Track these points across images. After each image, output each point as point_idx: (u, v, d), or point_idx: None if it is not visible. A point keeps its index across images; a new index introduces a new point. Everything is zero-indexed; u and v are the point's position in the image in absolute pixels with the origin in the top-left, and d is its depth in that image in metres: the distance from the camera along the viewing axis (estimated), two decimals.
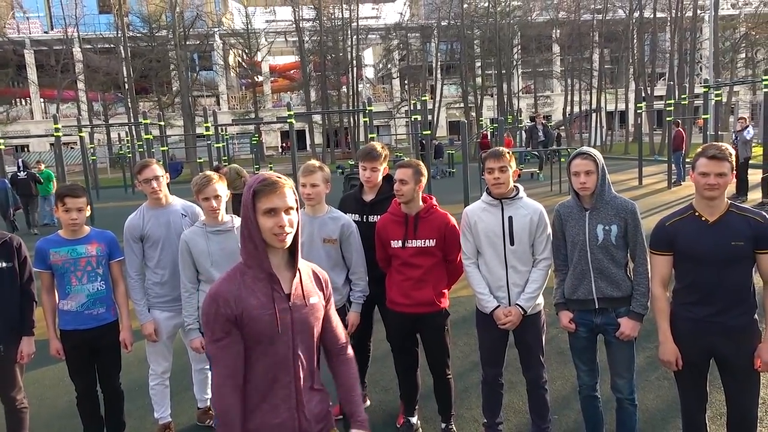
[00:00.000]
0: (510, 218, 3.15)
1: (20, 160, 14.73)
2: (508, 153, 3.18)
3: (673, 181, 15.71)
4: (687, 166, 16.43)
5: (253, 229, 1.82)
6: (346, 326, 3.42)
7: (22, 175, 14.13)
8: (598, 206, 2.96)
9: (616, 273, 2.96)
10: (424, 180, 3.38)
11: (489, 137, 25.84)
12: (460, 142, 19.12)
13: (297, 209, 1.87)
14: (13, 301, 3.30)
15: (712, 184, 2.56)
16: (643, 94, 31.14)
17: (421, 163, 3.43)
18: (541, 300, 3.26)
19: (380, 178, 3.71)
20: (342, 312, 3.46)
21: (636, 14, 34.56)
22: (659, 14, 35.04)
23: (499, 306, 3.18)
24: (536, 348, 3.25)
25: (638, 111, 18.50)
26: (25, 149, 40.94)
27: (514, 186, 3.23)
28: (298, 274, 1.91)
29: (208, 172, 3.53)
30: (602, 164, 2.96)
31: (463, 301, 5.99)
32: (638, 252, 2.95)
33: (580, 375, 3.19)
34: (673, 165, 15.95)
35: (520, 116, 28.31)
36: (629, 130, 36.63)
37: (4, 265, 3.27)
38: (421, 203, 3.39)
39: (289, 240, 1.84)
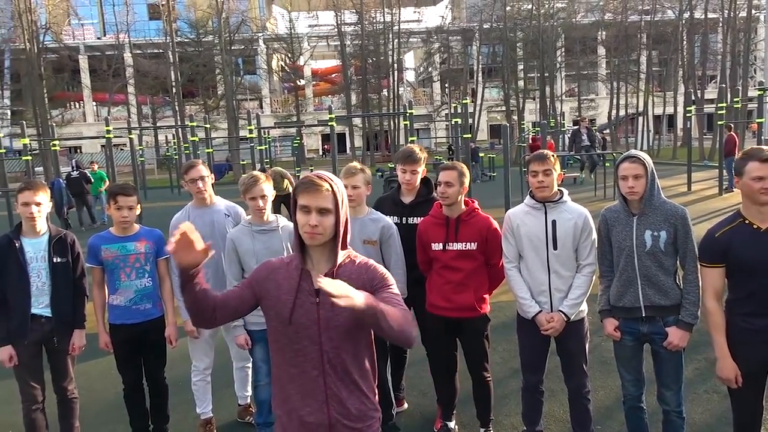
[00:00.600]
0: (553, 222, 3.10)
1: (74, 160, 15.42)
2: (553, 156, 3.13)
3: (724, 187, 15.15)
4: None
5: (295, 224, 1.95)
6: None
7: (74, 174, 14.79)
8: (647, 211, 2.87)
9: (664, 281, 2.86)
10: (467, 182, 3.37)
11: (539, 140, 25.19)
12: (501, 145, 18.92)
13: (338, 212, 1.90)
14: (67, 296, 3.44)
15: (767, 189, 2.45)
16: (693, 98, 30.18)
17: (464, 165, 3.41)
18: (584, 307, 3.19)
19: (419, 180, 3.71)
20: None
21: (686, 15, 33.53)
22: (711, 15, 33.90)
23: (541, 311, 3.13)
24: (579, 356, 3.18)
25: (688, 115, 17.89)
26: (78, 150, 42.57)
27: (559, 189, 3.17)
28: (331, 271, 1.93)
29: (255, 173, 3.59)
30: (651, 168, 2.87)
31: (503, 306, 5.91)
32: (688, 259, 2.85)
33: (625, 385, 3.10)
34: (725, 171, 15.38)
35: (563, 120, 27.79)
36: (677, 134, 35.53)
37: (59, 260, 3.40)
38: (463, 206, 3.37)
39: (319, 240, 1.90)
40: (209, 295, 1.94)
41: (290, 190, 10.50)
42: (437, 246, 3.34)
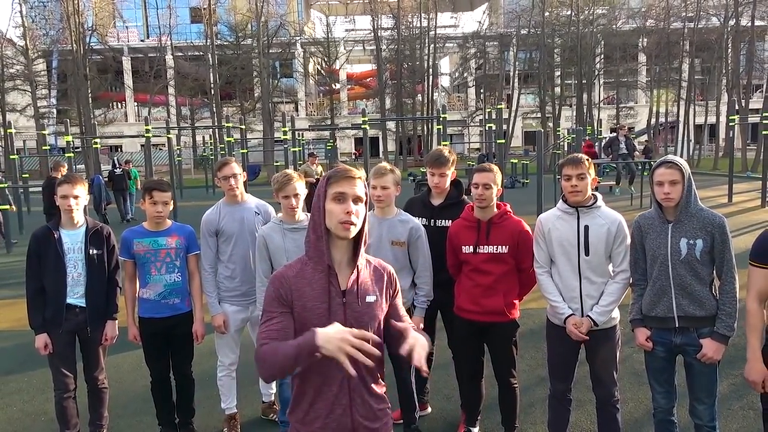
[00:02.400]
0: (586, 227, 3.03)
1: (115, 158, 16.04)
2: (587, 160, 3.07)
3: (767, 199, 14.61)
4: None
5: (319, 218, 1.85)
6: None
7: (118, 171, 15.66)
8: (683, 219, 2.78)
9: (699, 290, 2.77)
10: (500, 184, 3.34)
11: (593, 146, 24.12)
12: (534, 152, 18.68)
13: (366, 204, 1.87)
14: (101, 287, 3.53)
15: None
16: (737, 107, 29.28)
17: (496, 166, 3.38)
18: (617, 314, 3.11)
19: (448, 183, 3.68)
20: None
21: (731, 22, 32.57)
22: (758, 22, 32.86)
23: (572, 314, 3.06)
24: (609, 363, 3.10)
25: (731, 124, 17.35)
26: (119, 150, 43.80)
27: (593, 194, 3.10)
28: (356, 271, 1.89)
29: (289, 171, 3.62)
30: (689, 174, 2.78)
31: (532, 313, 5.82)
32: (726, 269, 2.75)
33: (656, 397, 3.00)
34: None
35: (600, 127, 27.29)
36: (719, 144, 34.50)
37: (95, 252, 3.49)
38: (495, 209, 3.33)
39: (353, 231, 1.83)
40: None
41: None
42: (468, 249, 3.31)
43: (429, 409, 4.11)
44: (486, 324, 3.32)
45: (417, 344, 1.79)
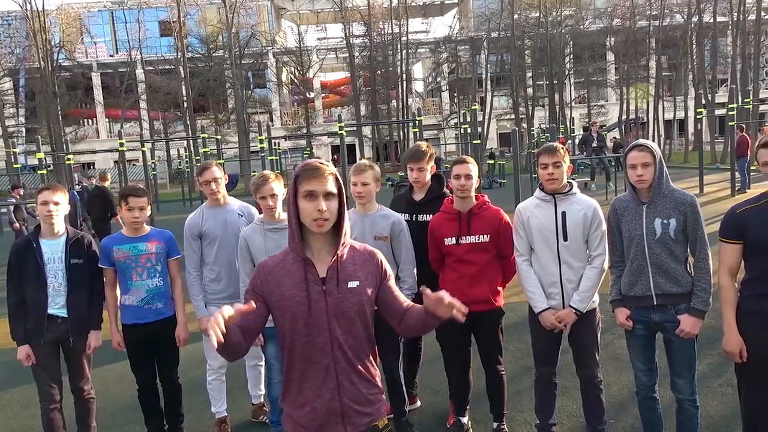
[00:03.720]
0: (563, 214, 3.11)
1: (76, 175, 15.57)
2: (563, 148, 3.16)
3: (737, 188, 15.02)
4: (753, 173, 15.69)
5: (292, 214, 1.90)
6: None
7: (84, 186, 15.28)
8: (656, 200, 2.88)
9: (675, 268, 2.87)
10: (477, 175, 3.42)
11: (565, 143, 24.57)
12: (510, 153, 18.94)
13: (340, 197, 1.89)
14: (83, 296, 3.50)
15: None
16: (704, 101, 30.01)
17: (472, 158, 3.46)
18: (596, 297, 3.19)
19: (428, 177, 3.74)
20: None
21: (695, 19, 33.44)
22: (720, 18, 33.79)
23: (548, 308, 3.14)
24: (591, 345, 3.18)
25: (698, 117, 17.81)
26: (92, 167, 43.12)
27: (568, 182, 3.19)
28: (335, 258, 1.91)
29: (266, 172, 3.65)
30: (659, 156, 2.89)
31: (515, 306, 5.89)
32: (699, 246, 2.85)
33: (638, 375, 3.09)
34: (737, 172, 15.25)
35: (573, 125, 27.78)
36: (689, 138, 35.31)
37: (76, 261, 3.47)
38: (474, 200, 3.40)
39: (327, 226, 1.87)
40: (239, 331, 1.88)
41: None
42: (450, 240, 3.37)
43: (418, 403, 4.16)
44: (473, 313, 3.36)
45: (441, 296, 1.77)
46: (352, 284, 1.93)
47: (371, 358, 2.02)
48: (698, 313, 2.85)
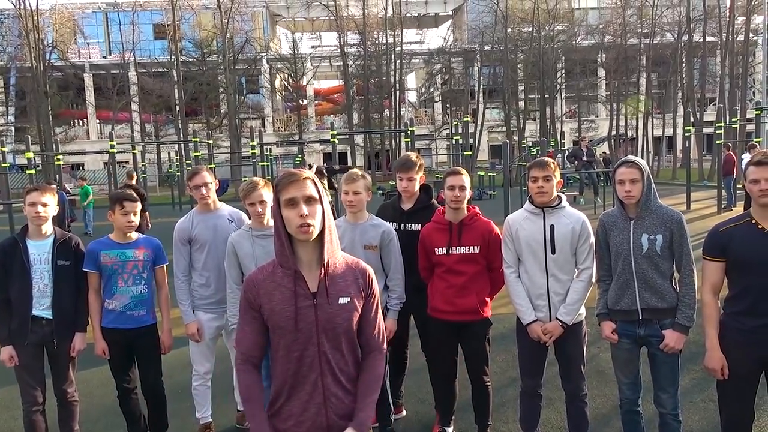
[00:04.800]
0: (552, 227, 3.15)
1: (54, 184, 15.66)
2: (553, 163, 3.20)
3: (723, 206, 15.20)
4: (738, 191, 15.88)
5: (279, 225, 1.88)
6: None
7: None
8: (643, 215, 2.93)
9: (661, 284, 2.91)
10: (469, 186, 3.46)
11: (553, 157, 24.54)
12: (501, 165, 19.03)
13: (321, 202, 1.87)
14: (69, 298, 3.47)
15: (764, 190, 2.54)
16: (692, 119, 30.40)
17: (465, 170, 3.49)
18: (583, 310, 3.22)
19: (417, 187, 3.76)
20: None
21: (685, 38, 33.94)
22: (709, 38, 34.31)
23: (536, 320, 3.17)
24: (577, 358, 3.21)
25: (686, 134, 18.04)
26: (81, 168, 42.79)
27: (558, 195, 3.23)
28: (323, 271, 1.89)
29: (255, 178, 3.67)
30: (648, 173, 2.94)
31: (502, 318, 5.91)
32: (684, 263, 2.90)
33: (622, 389, 3.13)
34: (723, 190, 15.45)
35: (563, 139, 28.05)
36: (677, 155, 35.72)
37: (62, 262, 3.44)
38: (465, 211, 3.43)
39: (313, 232, 1.84)
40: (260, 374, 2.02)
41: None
42: (440, 251, 3.39)
43: (404, 412, 4.16)
44: (460, 323, 3.41)
45: None
46: (343, 300, 1.91)
47: (357, 374, 2.00)
48: (682, 329, 2.89)
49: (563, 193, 3.46)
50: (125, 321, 3.50)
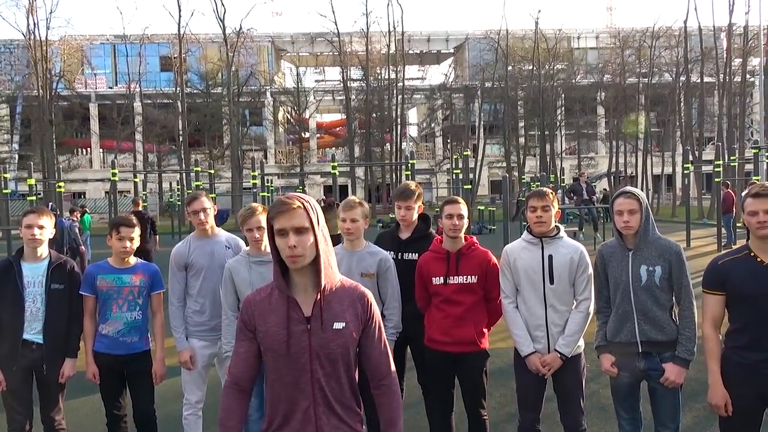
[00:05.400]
0: (550, 257, 3.13)
1: (50, 204, 15.37)
2: (551, 193, 3.21)
3: (723, 243, 15.18)
4: (738, 229, 15.88)
5: (274, 251, 1.89)
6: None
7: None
8: (642, 246, 2.91)
9: (660, 316, 2.88)
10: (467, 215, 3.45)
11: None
12: (501, 201, 19.09)
13: (314, 230, 1.84)
14: (61, 323, 3.43)
15: (762, 222, 2.52)
16: (691, 157, 30.62)
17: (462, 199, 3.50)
18: (581, 342, 3.18)
19: (415, 216, 3.76)
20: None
21: (683, 78, 34.47)
22: (707, 78, 34.84)
23: (535, 352, 3.12)
24: (576, 392, 3.14)
25: (685, 172, 18.16)
26: (83, 196, 42.94)
27: (556, 226, 3.22)
28: (319, 296, 1.88)
29: (253, 204, 3.66)
30: (646, 204, 2.94)
31: (500, 352, 5.83)
32: (683, 295, 2.87)
33: (622, 424, 3.06)
34: (723, 227, 15.45)
35: (563, 175, 28.21)
36: (676, 193, 35.86)
37: (56, 286, 3.41)
38: (463, 240, 3.41)
39: (301, 262, 1.83)
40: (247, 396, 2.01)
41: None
42: (438, 280, 3.36)
43: None
44: (458, 354, 3.35)
45: None
46: (338, 325, 1.88)
47: (354, 402, 1.95)
48: (683, 362, 2.84)
49: (564, 227, 3.44)
50: (118, 347, 3.44)
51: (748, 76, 33.66)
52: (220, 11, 36.04)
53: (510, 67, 39.04)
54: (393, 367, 2.02)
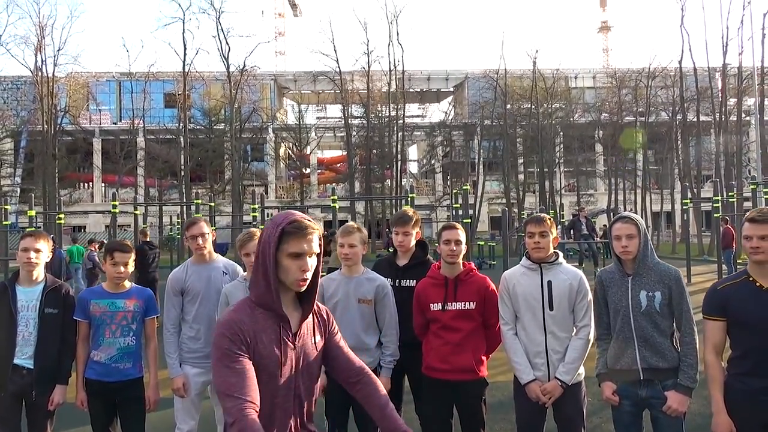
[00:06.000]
0: (549, 282, 3.11)
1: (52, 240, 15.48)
2: (549, 219, 3.20)
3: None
4: (739, 265, 15.82)
5: (270, 268, 1.80)
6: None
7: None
8: (641, 271, 2.89)
9: (661, 342, 2.83)
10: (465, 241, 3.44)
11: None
12: (501, 237, 19.06)
13: (319, 256, 1.88)
14: (53, 349, 3.37)
15: (755, 247, 2.53)
16: (690, 195, 30.75)
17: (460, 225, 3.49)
18: (582, 370, 3.12)
19: (413, 242, 3.74)
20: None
21: (679, 117, 34.90)
22: (703, 117, 35.28)
23: (535, 380, 3.06)
24: (576, 420, 3.07)
25: (684, 207, 18.23)
26: (83, 230, 42.93)
27: (554, 252, 3.21)
28: (305, 315, 1.91)
29: (252, 229, 3.66)
30: (644, 229, 2.93)
31: (500, 386, 5.73)
32: (684, 321, 2.83)
33: None
34: (723, 263, 15.39)
35: (562, 211, 28.32)
36: (676, 230, 35.87)
37: (50, 311, 3.37)
38: (461, 266, 3.39)
39: (306, 285, 1.85)
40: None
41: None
42: (436, 306, 3.33)
43: None
44: (456, 383, 3.29)
45: None
46: (317, 340, 1.95)
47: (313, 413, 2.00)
48: (685, 390, 2.78)
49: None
50: (110, 374, 3.38)
51: (743, 115, 34.07)
52: (225, 50, 36.78)
53: (509, 106, 39.57)
54: (361, 363, 2.06)
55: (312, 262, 1.84)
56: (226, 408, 1.70)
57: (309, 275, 1.83)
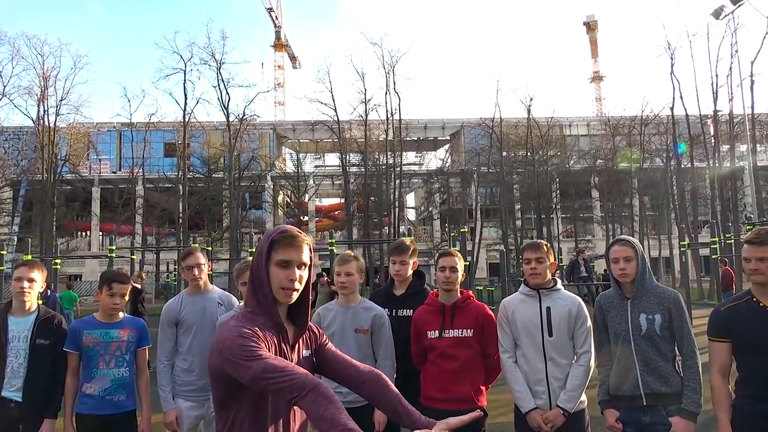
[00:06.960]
0: (548, 309, 3.08)
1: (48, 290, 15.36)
2: (546, 245, 3.20)
3: None
4: None
5: (264, 279, 1.80)
6: (373, 426, 3.25)
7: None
8: (640, 294, 2.87)
9: (663, 366, 2.78)
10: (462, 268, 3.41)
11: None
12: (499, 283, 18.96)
13: (310, 268, 1.86)
14: (43, 381, 3.30)
15: (753, 269, 2.52)
16: (687, 239, 30.80)
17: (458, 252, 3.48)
18: (584, 397, 3.05)
19: (410, 271, 3.72)
20: (369, 408, 3.29)
21: (673, 162, 35.33)
22: (697, 164, 35.72)
23: (536, 408, 2.99)
24: None
25: (682, 249, 18.22)
26: (79, 279, 42.60)
27: (552, 279, 3.19)
28: (301, 330, 1.89)
29: (249, 258, 3.64)
30: (641, 251, 2.92)
31: (503, 427, 5.58)
32: (685, 343, 2.79)
33: None
34: None
35: (561, 255, 28.29)
36: (675, 275, 35.75)
37: (41, 342, 3.32)
38: (458, 294, 3.36)
39: (294, 296, 1.81)
40: None
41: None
42: (433, 334, 3.28)
43: None
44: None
45: None
46: (307, 353, 1.92)
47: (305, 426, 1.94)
48: (690, 415, 2.71)
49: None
50: (104, 407, 3.29)
51: (737, 160, 34.52)
52: (225, 99, 37.48)
53: (504, 153, 40.09)
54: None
55: (301, 273, 1.80)
56: (284, 383, 1.57)
57: (298, 286, 1.79)
